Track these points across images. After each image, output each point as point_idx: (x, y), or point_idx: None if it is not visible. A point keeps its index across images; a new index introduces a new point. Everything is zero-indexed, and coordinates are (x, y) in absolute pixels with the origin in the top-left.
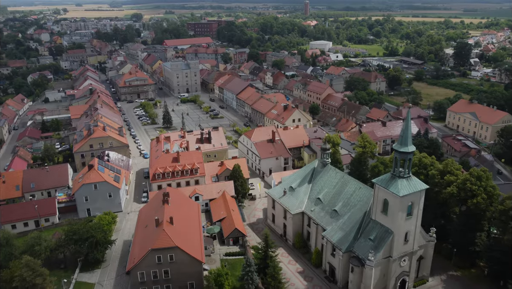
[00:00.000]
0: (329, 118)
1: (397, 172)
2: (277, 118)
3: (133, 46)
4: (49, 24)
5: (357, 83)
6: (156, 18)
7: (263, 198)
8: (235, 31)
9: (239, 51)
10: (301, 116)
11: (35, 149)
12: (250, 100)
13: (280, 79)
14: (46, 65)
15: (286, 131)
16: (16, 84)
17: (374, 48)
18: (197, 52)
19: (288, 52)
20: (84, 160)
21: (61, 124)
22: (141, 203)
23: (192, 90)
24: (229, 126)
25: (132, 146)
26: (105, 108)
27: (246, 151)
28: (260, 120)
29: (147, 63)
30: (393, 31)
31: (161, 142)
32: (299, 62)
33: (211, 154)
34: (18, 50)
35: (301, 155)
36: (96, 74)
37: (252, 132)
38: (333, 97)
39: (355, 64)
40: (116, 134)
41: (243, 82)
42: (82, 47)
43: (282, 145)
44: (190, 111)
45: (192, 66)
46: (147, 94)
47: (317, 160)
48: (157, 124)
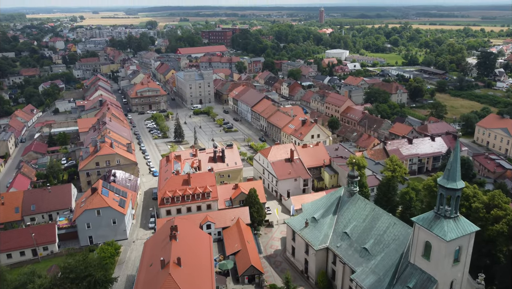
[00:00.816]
0: (350, 133)
1: (442, 211)
2: (294, 134)
3: (146, 55)
4: (65, 31)
5: (377, 95)
6: (170, 25)
7: (281, 225)
8: (249, 39)
9: (254, 60)
10: (320, 131)
11: (40, 165)
12: (266, 114)
13: (296, 90)
14: (58, 74)
15: (305, 149)
16: (26, 94)
17: (392, 57)
18: (211, 61)
19: (304, 61)
20: (90, 178)
21: (69, 138)
22: (148, 230)
23: (205, 101)
24: (243, 141)
25: (141, 162)
26: (113, 122)
27: (262, 170)
28: (276, 135)
29: (160, 72)
30: (411, 39)
31: (171, 162)
32: (315, 72)
33: (224, 174)
34: (32, 58)
35: (321, 175)
36: (107, 84)
37: (269, 151)
38: (353, 110)
39: (374, 74)
40: (124, 151)
41: (258, 94)
42: (95, 55)
43: (301, 164)
44: (203, 124)
45: (205, 77)
46: (159, 105)
47: (343, 188)
48: (169, 138)
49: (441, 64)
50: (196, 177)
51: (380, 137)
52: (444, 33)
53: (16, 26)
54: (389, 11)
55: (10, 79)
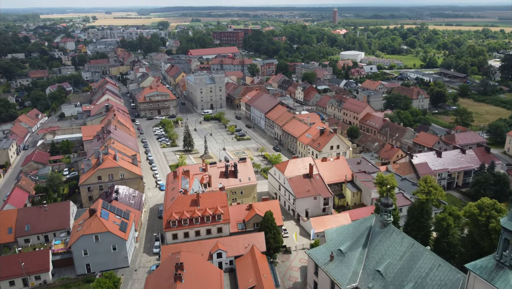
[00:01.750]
0: (370, 143)
1: (507, 260)
2: (312, 144)
3: (156, 56)
4: (77, 32)
5: (398, 101)
6: (182, 26)
7: (300, 250)
8: (262, 40)
9: (266, 62)
10: (340, 142)
11: (40, 176)
12: (281, 121)
13: (311, 95)
14: (66, 77)
15: (325, 163)
16: (33, 97)
17: (409, 59)
18: (223, 63)
19: (318, 63)
20: (91, 193)
21: (72, 146)
22: (152, 255)
23: (216, 106)
24: (256, 150)
25: (148, 174)
26: (119, 131)
27: (278, 186)
28: (291, 144)
29: (170, 74)
30: (428, 40)
31: (178, 178)
32: (331, 75)
33: (237, 191)
34: (42, 60)
35: (342, 192)
36: (116, 87)
37: (286, 166)
38: (372, 117)
39: (391, 77)
40: (129, 163)
41: (272, 99)
42: (105, 56)
43: (321, 180)
44: (214, 130)
45: (217, 81)
46: (168, 110)
47: (373, 216)
48: (178, 146)
49: (462, 67)
50: (206, 197)
51: (403, 147)
52: (462, 34)
53: (29, 27)
54: (402, 11)
55: (17, 82)
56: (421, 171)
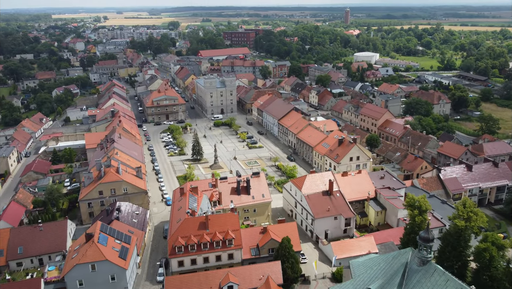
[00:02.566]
0: (392, 152)
1: None
2: (329, 155)
3: (166, 57)
4: (87, 32)
5: (419, 106)
6: (192, 26)
7: (320, 279)
8: (273, 41)
9: (278, 64)
10: (360, 153)
11: (40, 187)
12: (295, 128)
13: (326, 99)
14: (73, 79)
15: (346, 178)
16: (38, 100)
17: (426, 61)
18: (234, 65)
19: (332, 65)
20: (92, 209)
21: (75, 155)
22: (155, 284)
23: (227, 111)
24: (269, 160)
25: (154, 186)
26: (124, 140)
27: (294, 203)
28: (307, 154)
29: (180, 77)
30: (445, 41)
31: (185, 196)
32: (345, 77)
33: (249, 209)
34: (50, 60)
35: (365, 210)
36: (123, 90)
37: (303, 181)
38: (392, 124)
39: (408, 80)
40: (132, 177)
41: (286, 104)
42: (114, 58)
43: (342, 198)
44: (224, 137)
45: (228, 84)
46: (177, 115)
47: (410, 250)
48: (186, 155)
49: (482, 69)
50: (215, 219)
51: (425, 157)
52: (479, 35)
53: (40, 27)
54: (415, 11)
55: (24, 83)
56: (451, 186)
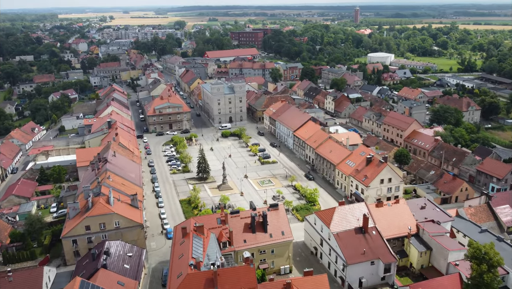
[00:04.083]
0: (424, 170)
1: None
2: (356, 176)
3: (171, 59)
4: (92, 32)
5: (448, 114)
6: (198, 26)
7: None
8: (283, 41)
9: (290, 66)
10: (392, 174)
11: (21, 215)
12: (314, 142)
13: (344, 105)
14: (72, 83)
15: (381, 210)
16: (32, 107)
17: (443, 62)
18: (242, 67)
19: (346, 67)
20: (77, 247)
21: (65, 173)
22: None
23: (236, 119)
24: (285, 179)
25: (153, 212)
26: (119, 158)
27: (320, 240)
28: (328, 172)
29: (185, 80)
30: (462, 41)
31: (189, 238)
32: (361, 81)
33: (266, 250)
34: (51, 62)
35: (404, 248)
36: (124, 95)
37: (331, 216)
38: (420, 135)
39: (428, 82)
40: (127, 207)
41: (302, 114)
42: (116, 59)
43: (379, 236)
44: (233, 150)
45: (237, 90)
46: (181, 124)
47: None
48: (191, 172)
49: (507, 71)
50: (226, 274)
51: (462, 175)
52: (497, 34)
53: (45, 27)
54: (424, 9)
55: (20, 87)
56: (505, 217)
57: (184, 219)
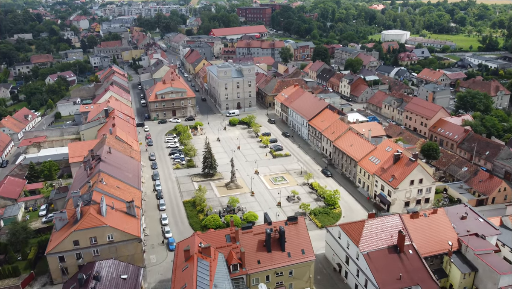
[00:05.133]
0: (456, 166)
1: None
2: (381, 175)
3: (175, 38)
4: (94, 8)
5: (476, 100)
6: (204, 1)
7: None
8: (292, 17)
9: (300, 46)
10: (424, 174)
11: (6, 219)
12: (331, 133)
13: (361, 89)
14: (70, 64)
15: (417, 222)
16: (27, 91)
17: (461, 40)
18: (250, 46)
19: (360, 46)
20: (66, 264)
21: (56, 169)
22: None
23: (244, 105)
24: (300, 175)
25: (154, 217)
26: (115, 155)
27: (345, 257)
28: (348, 168)
29: (189, 61)
30: (480, 17)
31: (193, 261)
32: (377, 61)
33: (284, 271)
34: (50, 41)
35: (443, 267)
36: (124, 78)
37: (360, 232)
38: (447, 124)
39: (448, 62)
40: (122, 216)
41: (318, 101)
42: (118, 38)
43: (417, 256)
44: (242, 141)
45: (245, 74)
46: (185, 111)
47: None
48: (196, 167)
49: None
50: None
51: (496, 171)
52: None
53: (47, 2)
54: None
55: (16, 68)
56: None
57: (188, 225)
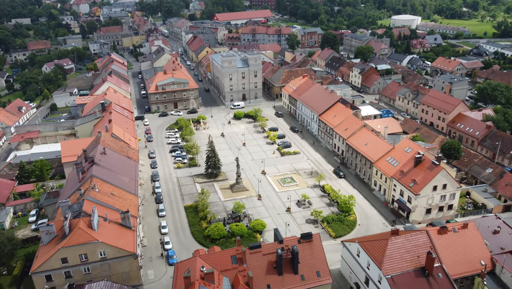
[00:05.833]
0: (479, 167)
1: None
2: (401, 179)
3: (177, 23)
4: None
5: (498, 93)
6: None
7: None
8: (299, 1)
9: (308, 32)
10: (448, 179)
11: None
12: (344, 130)
13: (372, 80)
14: (68, 51)
15: (445, 238)
16: (22, 80)
17: (475, 25)
18: (255, 32)
19: (369, 32)
20: (53, 283)
21: (48, 169)
22: None
23: (250, 96)
24: (310, 175)
25: (152, 224)
26: (110, 156)
27: (364, 278)
28: (362, 169)
29: (192, 49)
30: (494, 1)
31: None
32: (388, 48)
33: None
34: (48, 26)
35: None
36: (124, 66)
37: (383, 252)
38: (467, 120)
39: (462, 50)
40: (116, 229)
41: (329, 94)
42: (118, 23)
43: (447, 280)
44: (248, 137)
45: (251, 63)
46: (188, 103)
47: None
48: (198, 166)
49: None
50: None
51: None
52: None
53: None
54: None
55: (12, 56)
56: None
57: (189, 235)
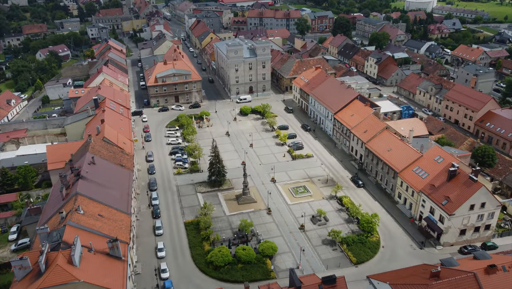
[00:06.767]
0: None
1: None
2: (431, 194)
3: (180, 5)
4: None
5: None
6: None
7: None
8: None
9: (318, 16)
10: (487, 198)
11: None
12: (363, 132)
13: (390, 70)
14: (64, 36)
15: (493, 279)
16: (14, 69)
17: (494, 8)
18: (262, 16)
19: (383, 16)
20: None
21: (33, 176)
22: None
23: (257, 89)
24: (325, 184)
25: (147, 243)
26: (99, 166)
27: None
28: (384, 177)
29: (195, 34)
30: None
31: None
32: (404, 34)
33: None
34: (46, 8)
35: None
36: (122, 54)
37: None
38: (498, 118)
39: (482, 36)
40: (102, 261)
41: (345, 89)
42: (119, 5)
43: None
44: (256, 136)
45: (259, 53)
46: (190, 96)
47: None
48: (201, 172)
49: None
50: None
51: None
52: None
53: None
54: None
55: (6, 41)
56: None
57: (190, 259)
